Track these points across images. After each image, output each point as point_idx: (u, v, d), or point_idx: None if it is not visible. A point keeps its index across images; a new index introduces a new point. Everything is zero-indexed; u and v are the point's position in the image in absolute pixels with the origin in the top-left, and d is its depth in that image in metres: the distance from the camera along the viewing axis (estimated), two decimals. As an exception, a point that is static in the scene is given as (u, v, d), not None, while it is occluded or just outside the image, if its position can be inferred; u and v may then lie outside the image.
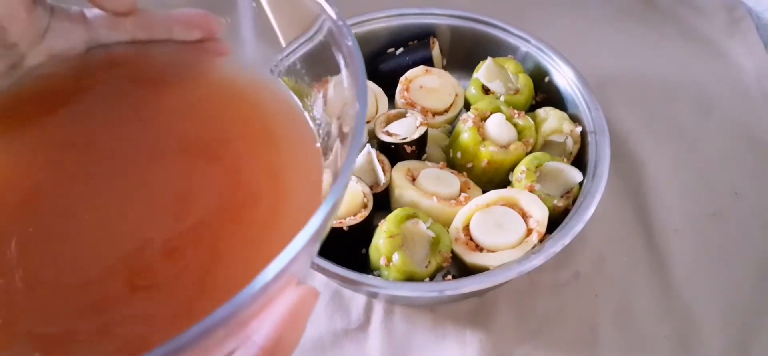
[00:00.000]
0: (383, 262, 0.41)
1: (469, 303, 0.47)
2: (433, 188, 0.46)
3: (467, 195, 0.46)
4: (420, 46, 0.58)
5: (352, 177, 0.46)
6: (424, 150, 0.51)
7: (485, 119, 0.50)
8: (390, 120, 0.52)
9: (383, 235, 0.41)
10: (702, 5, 0.72)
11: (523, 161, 0.47)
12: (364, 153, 0.47)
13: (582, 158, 0.49)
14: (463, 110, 0.55)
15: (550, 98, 0.55)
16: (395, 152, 0.49)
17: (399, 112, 0.52)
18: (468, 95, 0.55)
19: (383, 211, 0.44)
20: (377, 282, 0.40)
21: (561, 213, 0.45)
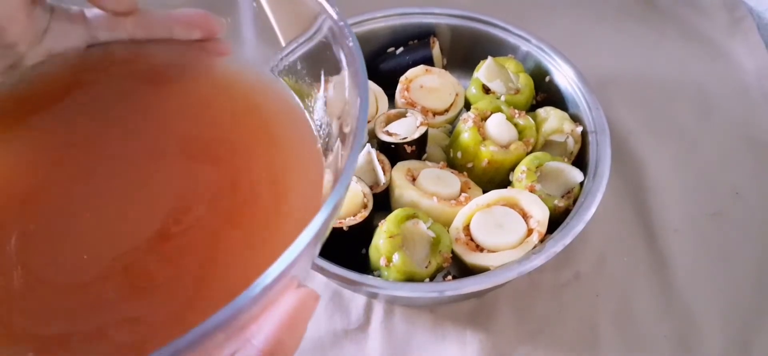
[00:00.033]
0: (383, 262, 0.41)
1: (470, 304, 0.47)
2: (434, 188, 0.46)
3: (467, 195, 0.46)
4: (420, 45, 0.58)
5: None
6: (424, 150, 0.51)
7: (486, 119, 0.49)
8: (390, 120, 0.51)
9: (383, 235, 0.41)
10: (703, 5, 0.72)
11: (524, 161, 0.47)
12: (364, 153, 0.47)
13: (583, 157, 0.49)
14: (464, 109, 0.55)
15: (550, 97, 0.55)
16: (395, 152, 0.49)
17: (399, 112, 0.52)
18: (468, 95, 0.55)
19: (383, 211, 0.44)
20: (377, 282, 0.40)
21: (562, 213, 0.45)
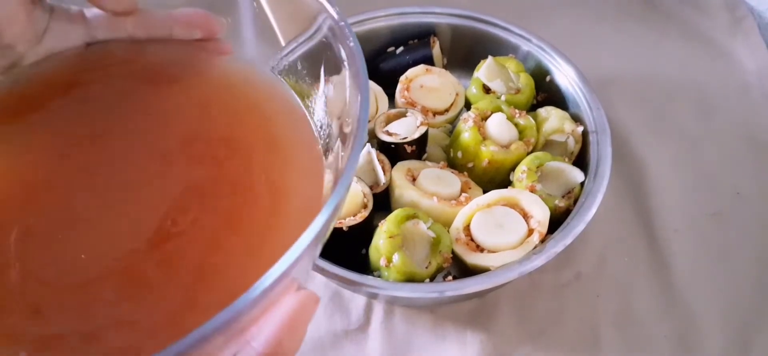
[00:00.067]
0: (383, 263, 0.41)
1: (470, 304, 0.47)
2: (434, 188, 0.46)
3: (468, 195, 0.46)
4: (420, 45, 0.58)
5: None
6: (424, 150, 0.51)
7: (486, 119, 0.49)
8: (390, 120, 0.51)
9: (383, 235, 0.41)
10: (704, 5, 0.72)
11: (524, 161, 0.46)
12: (364, 153, 0.47)
13: (583, 157, 0.49)
14: (464, 109, 0.55)
15: (551, 97, 0.55)
16: (395, 151, 0.49)
17: (399, 111, 0.52)
18: (469, 95, 0.54)
19: (383, 211, 0.44)
20: (377, 282, 0.40)
21: (562, 213, 0.45)
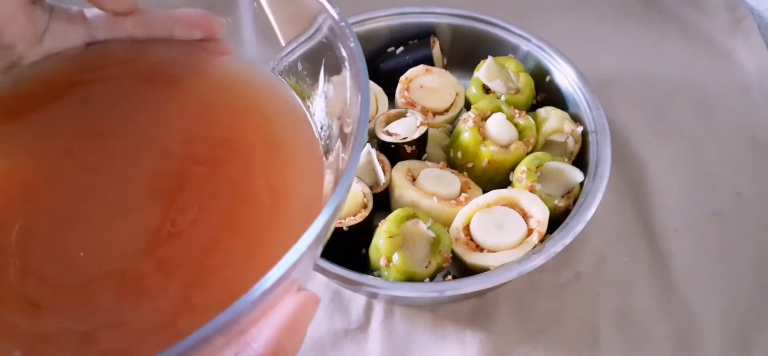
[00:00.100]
0: (383, 262, 0.41)
1: (470, 304, 0.47)
2: (434, 188, 0.46)
3: (467, 195, 0.46)
4: (420, 45, 0.58)
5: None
6: (424, 150, 0.51)
7: (486, 119, 0.49)
8: (390, 120, 0.51)
9: (383, 235, 0.41)
10: (703, 5, 0.72)
11: (524, 161, 0.46)
12: (364, 153, 0.47)
13: (583, 157, 0.49)
14: (464, 109, 0.55)
15: (551, 97, 0.55)
16: (395, 152, 0.49)
17: (399, 111, 0.52)
18: (468, 95, 0.54)
19: (383, 211, 0.44)
20: (377, 282, 0.40)
21: (562, 213, 0.45)
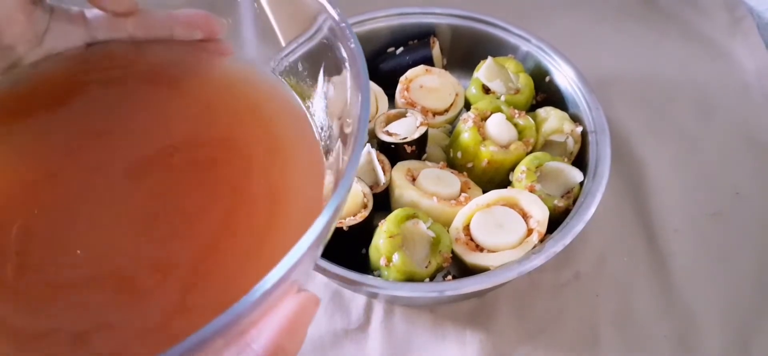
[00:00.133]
0: (383, 262, 0.41)
1: (470, 304, 0.47)
2: (433, 188, 0.46)
3: (467, 195, 0.46)
4: (420, 45, 0.58)
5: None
6: (424, 150, 0.51)
7: (485, 119, 0.49)
8: (390, 120, 0.51)
9: (383, 235, 0.41)
10: (703, 5, 0.72)
11: (524, 161, 0.46)
12: (364, 153, 0.47)
13: (582, 157, 0.49)
14: (464, 109, 0.55)
15: (550, 97, 0.55)
16: (395, 152, 0.49)
17: (399, 112, 0.52)
18: (468, 95, 0.54)
19: (383, 211, 0.44)
20: (377, 282, 0.40)
21: (561, 213, 0.45)
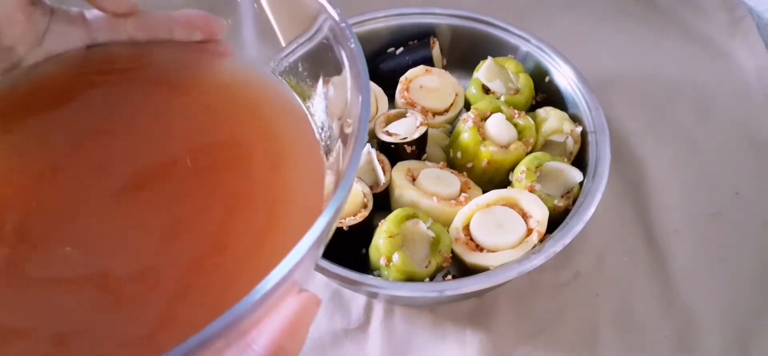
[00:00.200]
0: (383, 262, 0.41)
1: (469, 303, 0.47)
2: (433, 188, 0.46)
3: (467, 195, 0.46)
4: (420, 45, 0.58)
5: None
6: (424, 150, 0.51)
7: (485, 119, 0.49)
8: (390, 120, 0.51)
9: (383, 235, 0.41)
10: (702, 5, 0.72)
11: (524, 161, 0.47)
12: (363, 153, 0.47)
13: (582, 158, 0.49)
14: (464, 109, 0.55)
15: (550, 97, 0.55)
16: (395, 152, 0.49)
17: (399, 112, 0.52)
18: (468, 95, 0.55)
19: (383, 211, 0.44)
20: (377, 282, 0.40)
21: (561, 213, 0.45)
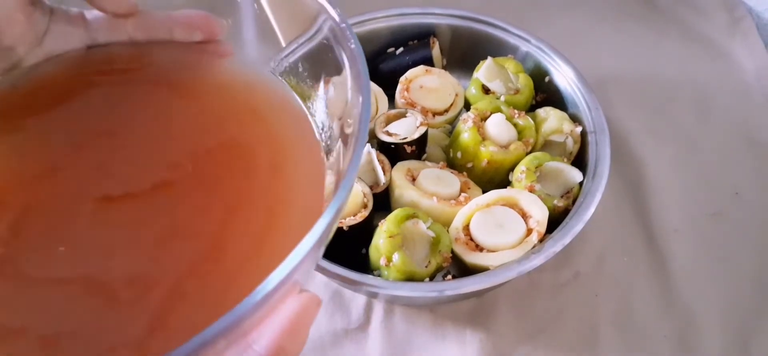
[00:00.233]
0: (383, 262, 0.41)
1: (469, 303, 0.47)
2: (433, 188, 0.46)
3: (467, 195, 0.46)
4: (420, 45, 0.58)
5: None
6: (424, 150, 0.51)
7: (485, 119, 0.49)
8: (390, 120, 0.51)
9: (383, 235, 0.41)
10: (702, 5, 0.72)
11: (523, 161, 0.47)
12: (363, 153, 0.47)
13: (582, 157, 0.49)
14: (463, 109, 0.55)
15: (550, 97, 0.55)
16: (395, 152, 0.49)
17: (399, 112, 0.52)
18: (468, 95, 0.55)
19: (383, 211, 0.44)
20: (377, 282, 0.40)
21: (561, 213, 0.45)
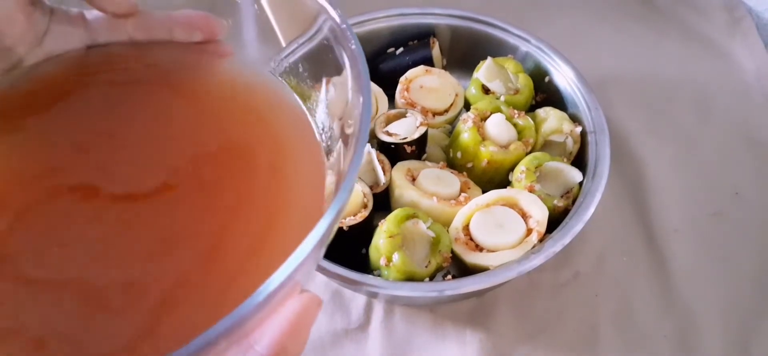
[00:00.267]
0: (383, 262, 0.41)
1: (469, 303, 0.47)
2: (433, 188, 0.46)
3: (467, 195, 0.46)
4: (420, 46, 0.58)
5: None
6: (424, 150, 0.51)
7: (485, 119, 0.49)
8: (390, 120, 0.51)
9: (383, 235, 0.41)
10: (702, 5, 0.72)
11: (523, 161, 0.47)
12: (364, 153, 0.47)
13: (582, 158, 0.49)
14: (463, 109, 0.55)
15: (550, 97, 0.55)
16: (395, 152, 0.49)
17: (399, 112, 0.52)
18: (468, 95, 0.55)
19: (383, 211, 0.44)
20: (377, 282, 0.40)
21: (561, 213, 0.45)
